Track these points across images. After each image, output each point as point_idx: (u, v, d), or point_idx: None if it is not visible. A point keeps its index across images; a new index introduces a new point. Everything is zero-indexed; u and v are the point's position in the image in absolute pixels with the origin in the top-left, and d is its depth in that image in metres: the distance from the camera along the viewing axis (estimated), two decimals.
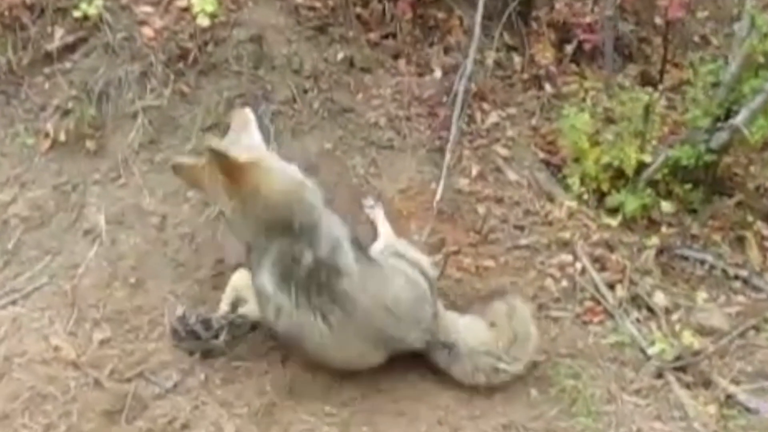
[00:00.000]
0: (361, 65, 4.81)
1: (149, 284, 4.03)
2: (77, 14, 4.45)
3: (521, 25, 5.19)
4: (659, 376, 3.92)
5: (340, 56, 4.76)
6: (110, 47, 4.47)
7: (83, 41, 4.51)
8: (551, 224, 4.50)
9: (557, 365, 3.94)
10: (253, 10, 4.73)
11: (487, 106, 4.92)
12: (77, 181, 4.27)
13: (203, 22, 4.43)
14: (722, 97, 4.48)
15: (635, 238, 4.50)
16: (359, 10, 4.94)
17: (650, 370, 3.95)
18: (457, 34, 5.05)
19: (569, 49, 5.21)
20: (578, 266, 4.33)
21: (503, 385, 3.81)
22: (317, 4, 4.86)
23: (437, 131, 4.69)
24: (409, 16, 4.98)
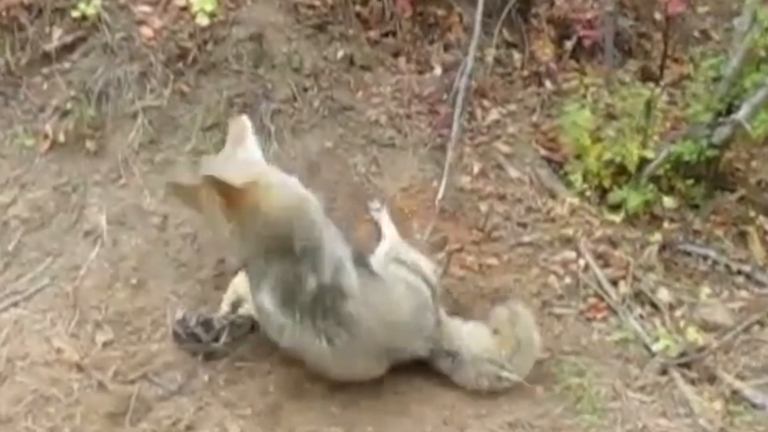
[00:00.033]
0: (361, 63, 4.79)
1: (151, 285, 4.00)
2: (75, 14, 4.41)
3: (521, 21, 5.17)
4: (664, 372, 3.92)
5: (340, 54, 4.74)
6: (109, 47, 4.43)
7: (82, 41, 4.47)
8: (554, 221, 4.49)
9: (561, 363, 3.93)
10: (252, 8, 4.70)
11: (487, 103, 4.90)
12: (77, 182, 4.23)
13: (202, 21, 4.40)
14: (723, 91, 4.46)
15: (638, 234, 4.49)
16: (358, 8, 4.91)
17: (655, 366, 3.94)
18: (456, 31, 5.03)
19: (569, 45, 5.18)
20: (581, 263, 4.32)
21: None
22: (316, 2, 4.82)
23: (438, 129, 4.67)
24: (408, 13, 4.95)
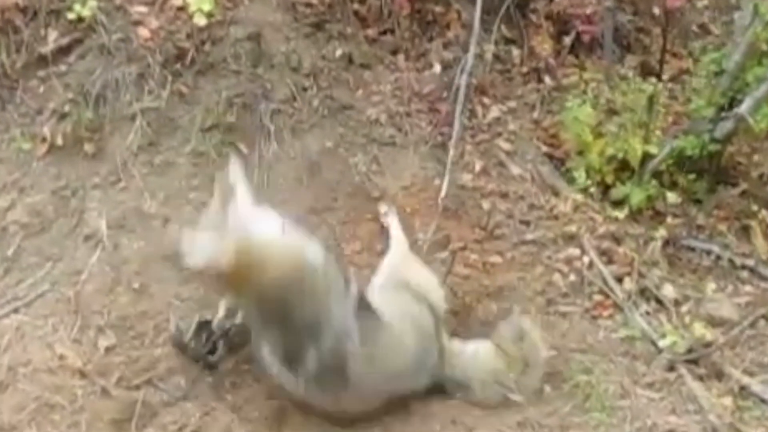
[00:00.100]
0: (360, 62, 4.76)
1: (153, 289, 3.96)
2: (71, 16, 4.38)
3: (519, 17, 5.15)
4: (671, 369, 3.90)
5: (338, 53, 4.71)
6: (106, 49, 4.39)
7: (78, 43, 4.44)
8: (557, 218, 4.46)
9: (569, 361, 3.91)
10: (249, 7, 4.67)
11: (487, 100, 4.88)
12: (76, 185, 4.19)
13: (200, 21, 4.37)
14: (726, 86, 4.47)
15: (641, 230, 4.47)
16: (356, 6, 4.88)
17: (662, 363, 3.92)
18: (455, 28, 5.00)
19: (567, 40, 5.17)
20: (585, 260, 4.30)
21: None
22: (314, 0, 4.80)
23: (439, 127, 4.64)
24: (406, 11, 4.92)
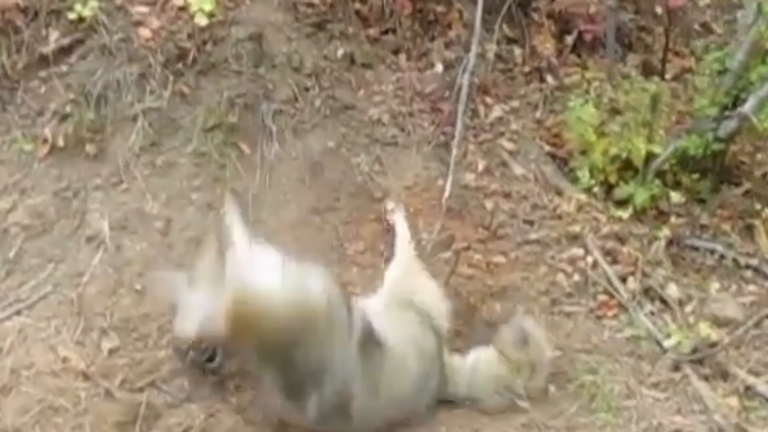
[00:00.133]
0: (361, 61, 4.73)
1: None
2: (72, 16, 4.34)
3: (521, 16, 5.12)
4: (677, 369, 3.89)
5: (340, 53, 4.69)
6: (107, 49, 4.35)
7: (79, 43, 4.39)
8: (560, 218, 4.45)
9: (574, 361, 3.90)
10: (251, 7, 4.63)
11: (489, 99, 4.86)
12: (78, 186, 4.16)
13: (201, 21, 4.34)
14: (729, 85, 4.45)
15: (645, 229, 4.46)
16: (358, 5, 4.84)
17: (667, 363, 3.91)
18: (457, 27, 4.98)
19: (570, 39, 5.14)
20: (589, 260, 4.29)
21: None
22: (315, 0, 4.78)
23: (441, 127, 4.63)
24: (408, 10, 4.89)
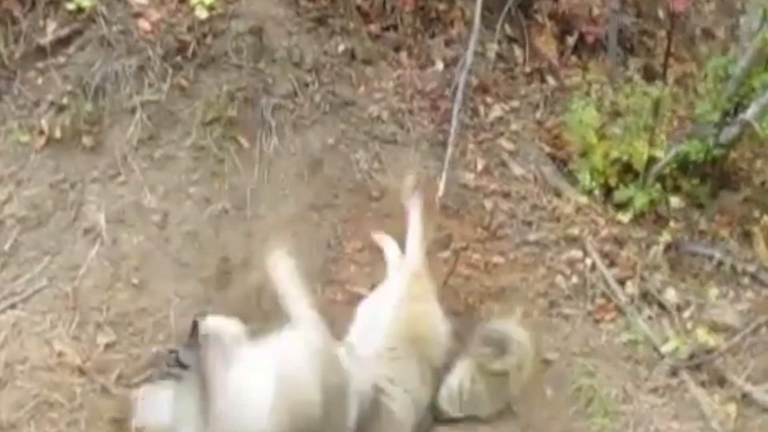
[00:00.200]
0: (362, 58, 4.71)
1: (152, 285, 3.92)
2: (71, 6, 4.30)
3: (522, 16, 5.12)
4: (674, 374, 3.91)
5: (341, 48, 4.66)
6: (106, 40, 4.31)
7: (77, 34, 4.35)
8: (559, 220, 4.45)
9: (571, 364, 3.91)
10: (251, 1, 4.59)
11: (490, 99, 4.85)
12: (75, 178, 4.12)
13: (201, 13, 4.33)
14: (732, 91, 4.44)
15: (643, 233, 4.46)
16: (359, 1, 4.83)
17: (665, 368, 3.93)
18: (458, 25, 4.96)
19: (571, 41, 5.15)
20: (588, 262, 4.29)
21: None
22: None
23: (440, 125, 4.61)
24: (409, 7, 4.88)
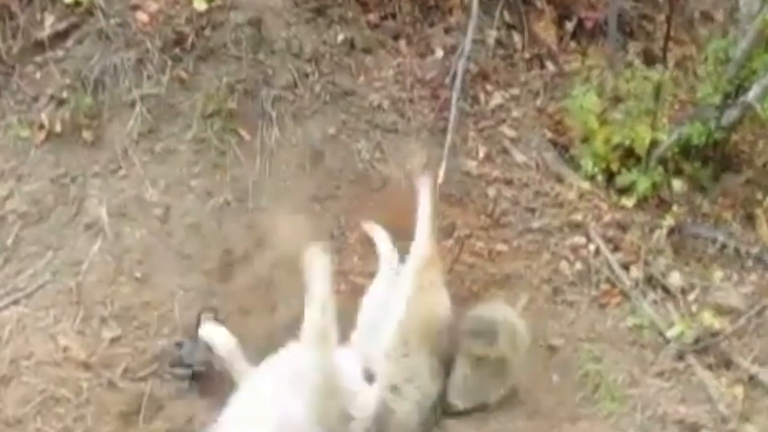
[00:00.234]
0: (361, 47, 4.69)
1: (156, 278, 3.91)
2: (68, 0, 4.28)
3: (520, 2, 5.08)
4: (680, 358, 3.88)
5: (340, 38, 4.64)
6: (104, 33, 4.29)
7: (75, 28, 4.33)
8: (562, 206, 4.43)
9: (578, 350, 3.90)
10: None
11: (490, 86, 4.83)
12: (76, 173, 4.10)
13: (200, 5, 4.33)
14: (733, 73, 4.41)
15: (647, 217, 4.44)
16: None
17: (671, 352, 3.90)
18: (457, 13, 4.93)
19: (570, 26, 5.12)
20: (592, 248, 4.27)
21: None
22: None
23: (440, 113, 4.59)
24: None
